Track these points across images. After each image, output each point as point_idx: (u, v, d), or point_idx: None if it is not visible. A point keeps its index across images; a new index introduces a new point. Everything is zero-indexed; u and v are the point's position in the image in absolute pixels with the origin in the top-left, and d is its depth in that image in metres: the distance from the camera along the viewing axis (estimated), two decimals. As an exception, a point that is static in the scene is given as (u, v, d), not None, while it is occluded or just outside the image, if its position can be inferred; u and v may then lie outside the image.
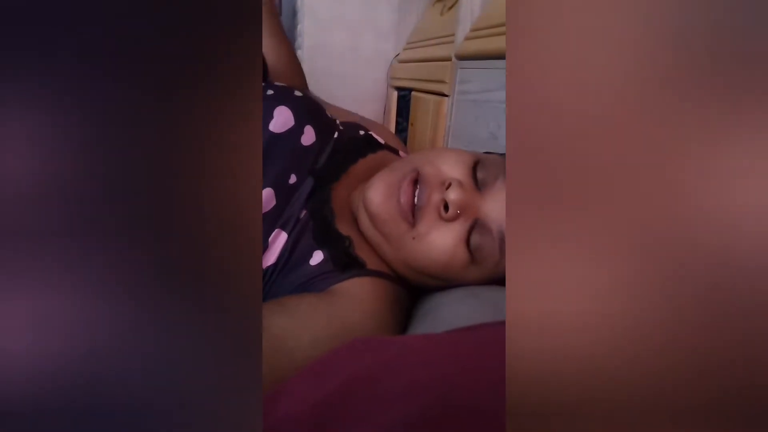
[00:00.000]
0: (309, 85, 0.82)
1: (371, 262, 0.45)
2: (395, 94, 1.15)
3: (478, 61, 0.71)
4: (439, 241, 0.41)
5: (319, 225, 0.45)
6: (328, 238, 0.44)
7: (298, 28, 1.16)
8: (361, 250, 0.45)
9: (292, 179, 0.47)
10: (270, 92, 0.52)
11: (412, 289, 0.48)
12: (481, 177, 0.43)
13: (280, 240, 0.43)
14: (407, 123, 1.04)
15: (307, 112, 0.51)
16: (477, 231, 0.41)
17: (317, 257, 0.43)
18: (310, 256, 0.43)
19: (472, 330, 0.25)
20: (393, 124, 1.14)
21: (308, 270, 0.42)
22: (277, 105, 0.49)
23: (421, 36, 1.07)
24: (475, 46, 0.72)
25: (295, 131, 0.49)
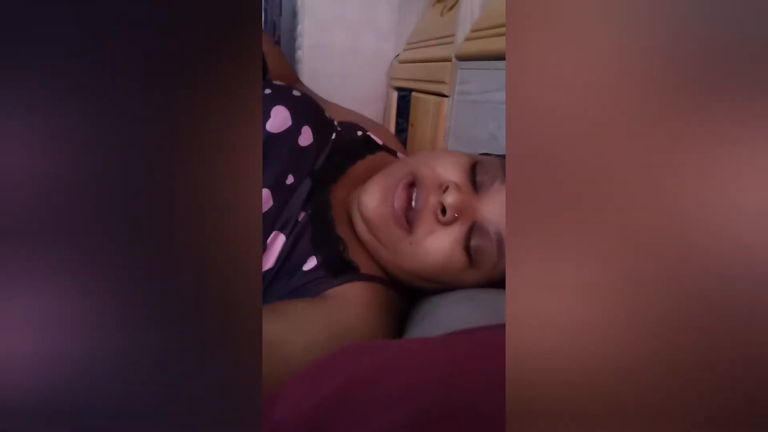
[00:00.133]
0: (309, 86, 0.82)
1: (365, 266, 0.44)
2: (395, 94, 1.15)
3: (479, 62, 0.71)
4: (437, 245, 0.41)
5: (319, 230, 0.44)
6: (325, 243, 0.44)
7: (298, 28, 1.16)
8: (355, 254, 0.45)
9: (290, 180, 0.46)
10: (267, 91, 0.51)
11: (408, 292, 0.47)
12: (478, 179, 0.42)
13: (278, 242, 0.43)
14: (407, 123, 1.04)
15: (305, 112, 0.51)
16: (475, 234, 0.40)
17: (311, 263, 0.43)
18: (305, 262, 0.43)
19: (469, 333, 0.24)
20: (393, 125, 1.14)
21: (302, 275, 0.42)
22: (275, 104, 0.48)
23: (422, 36, 1.07)
24: (476, 46, 0.72)
25: (293, 131, 0.48)
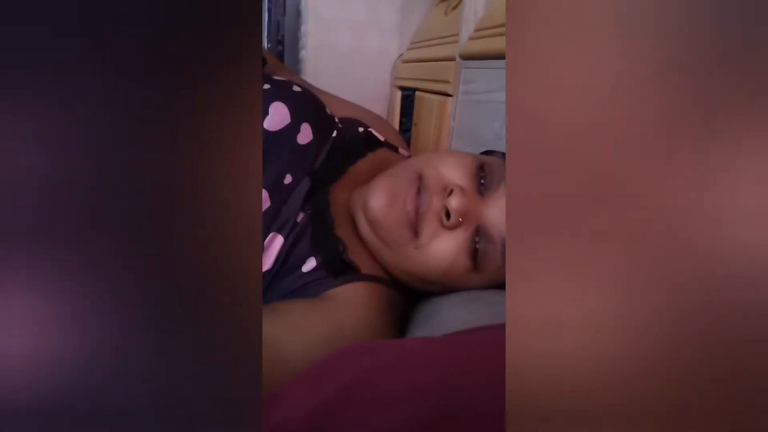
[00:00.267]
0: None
1: (366, 266, 0.44)
2: (399, 94, 1.14)
3: (483, 61, 0.71)
4: (441, 250, 0.40)
5: (319, 231, 0.44)
6: (324, 244, 0.43)
7: (302, 28, 1.16)
8: (355, 254, 0.44)
9: (288, 179, 0.45)
10: (266, 87, 0.49)
11: (409, 293, 0.47)
12: (483, 182, 0.42)
13: (276, 244, 0.42)
14: (411, 123, 1.03)
15: (305, 109, 0.49)
16: (479, 238, 0.40)
17: (310, 264, 0.42)
18: (303, 263, 0.42)
19: (470, 333, 0.24)
20: (397, 124, 1.13)
21: (301, 276, 0.42)
22: (273, 101, 0.47)
23: (425, 36, 1.07)
24: (479, 46, 0.72)
25: (291, 129, 0.47)
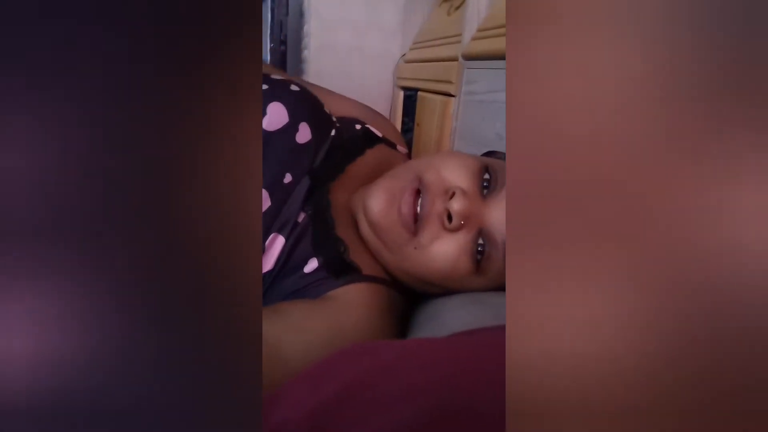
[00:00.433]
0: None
1: (367, 267, 0.44)
2: (401, 94, 1.14)
3: (485, 62, 0.71)
4: (442, 252, 0.40)
5: (320, 232, 0.44)
6: (325, 244, 0.43)
7: (305, 28, 1.17)
8: (357, 255, 0.44)
9: (287, 179, 0.45)
10: (264, 87, 0.49)
11: (411, 294, 0.47)
12: (486, 184, 0.41)
13: (277, 244, 0.42)
14: (413, 123, 1.03)
15: (303, 108, 0.49)
16: (481, 241, 0.40)
17: (312, 264, 0.42)
18: (305, 263, 0.42)
19: (471, 334, 0.24)
20: (399, 124, 1.14)
21: (303, 277, 0.42)
22: (271, 101, 0.47)
23: (428, 36, 1.07)
24: (482, 46, 0.72)
25: (290, 129, 0.47)
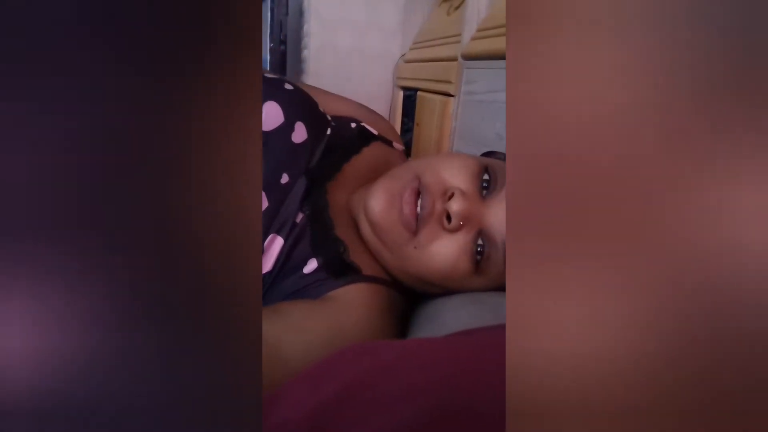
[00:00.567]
0: (315, 85, 0.82)
1: (367, 267, 0.44)
2: (401, 94, 1.15)
3: (485, 62, 0.71)
4: (442, 252, 0.40)
5: (318, 232, 0.44)
6: (325, 245, 0.43)
7: (305, 28, 1.17)
8: (357, 255, 0.44)
9: (284, 179, 0.45)
10: None
11: (411, 294, 0.47)
12: (485, 185, 0.41)
13: (275, 245, 0.42)
14: (413, 123, 1.04)
15: (298, 107, 0.49)
16: (481, 241, 0.40)
17: (311, 265, 0.42)
18: (305, 264, 0.42)
19: (471, 334, 0.24)
20: (398, 124, 1.14)
21: (302, 277, 0.42)
22: (266, 100, 0.47)
23: (428, 36, 1.07)
24: (482, 46, 0.72)
25: (286, 128, 0.47)
